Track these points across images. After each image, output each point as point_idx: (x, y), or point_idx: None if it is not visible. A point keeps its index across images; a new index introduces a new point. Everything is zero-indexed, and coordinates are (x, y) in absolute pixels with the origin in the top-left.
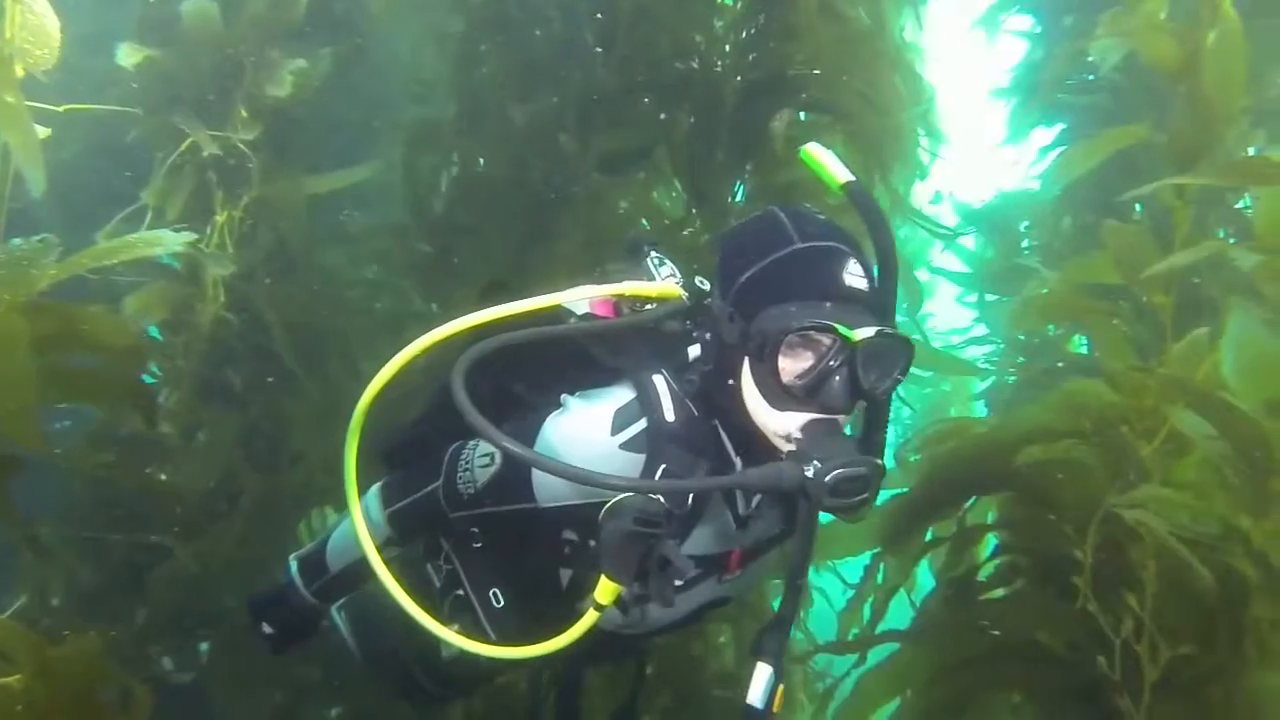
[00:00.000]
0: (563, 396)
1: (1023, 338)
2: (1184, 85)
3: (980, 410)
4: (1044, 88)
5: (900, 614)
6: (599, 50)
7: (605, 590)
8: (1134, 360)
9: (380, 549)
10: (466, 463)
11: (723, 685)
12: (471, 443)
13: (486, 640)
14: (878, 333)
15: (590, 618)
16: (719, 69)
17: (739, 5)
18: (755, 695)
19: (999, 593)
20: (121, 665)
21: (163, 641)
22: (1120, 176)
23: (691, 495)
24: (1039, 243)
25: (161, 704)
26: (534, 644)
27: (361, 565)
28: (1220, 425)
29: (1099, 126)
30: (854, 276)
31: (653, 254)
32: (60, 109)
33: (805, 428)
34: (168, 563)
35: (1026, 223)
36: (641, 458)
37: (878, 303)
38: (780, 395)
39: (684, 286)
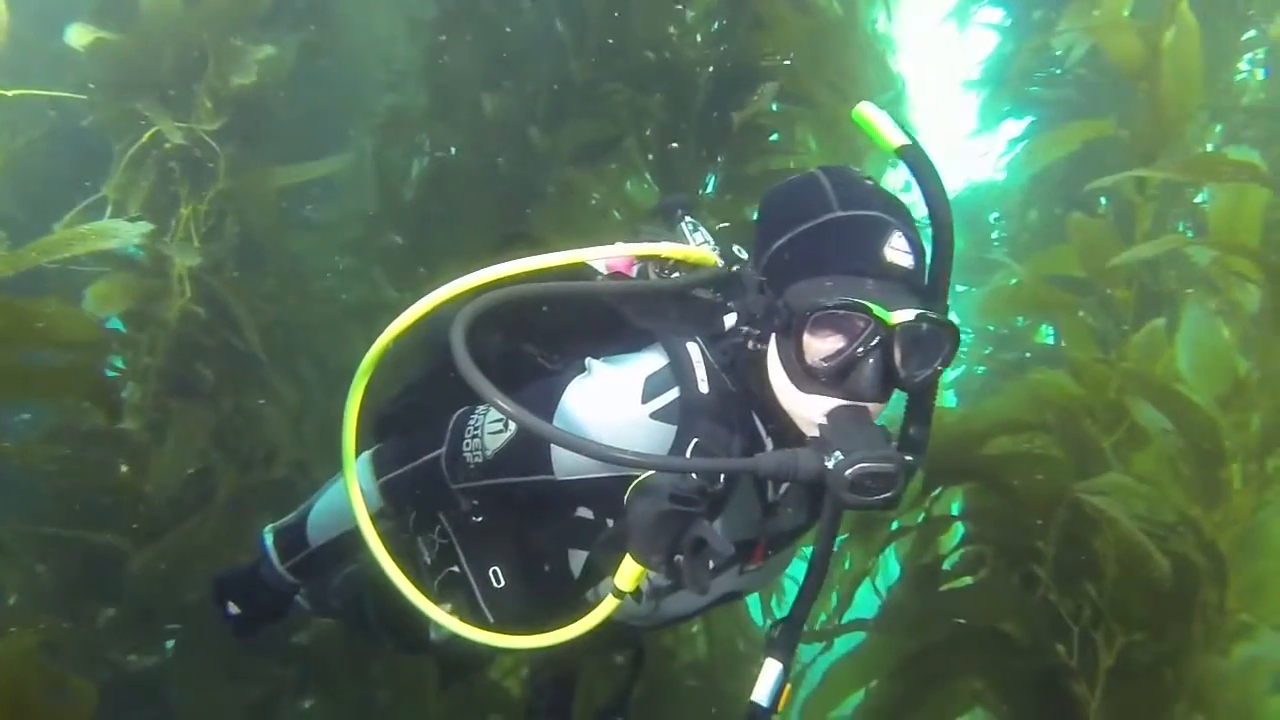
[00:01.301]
0: (587, 360)
1: (991, 328)
2: (1144, 82)
3: (950, 400)
4: (1013, 81)
5: (867, 602)
6: (570, 40)
7: (629, 575)
8: (1098, 352)
9: (378, 515)
10: (475, 429)
11: (695, 676)
12: (481, 408)
13: (483, 623)
14: (918, 316)
15: (609, 605)
16: (691, 60)
17: None
18: (762, 693)
19: (965, 581)
20: (81, 663)
21: (128, 639)
22: (1086, 170)
23: (723, 474)
24: (1007, 234)
25: (125, 702)
26: (541, 632)
27: (346, 540)
28: (1175, 418)
29: (1066, 120)
30: (897, 251)
31: (687, 219)
32: (10, 93)
33: (831, 414)
34: (133, 559)
35: (995, 214)
36: (672, 429)
37: (923, 282)
38: (805, 377)
39: (721, 254)
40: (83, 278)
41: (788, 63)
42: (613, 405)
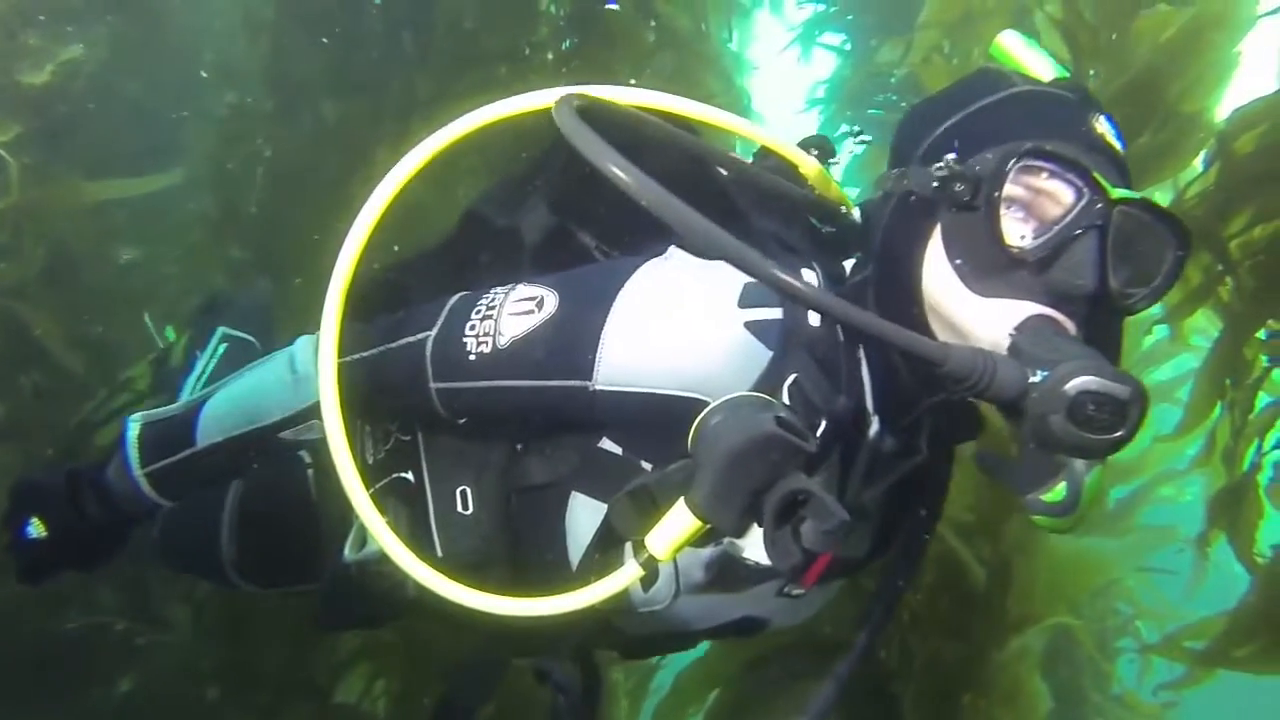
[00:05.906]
0: (670, 248)
1: None
2: None
3: None
4: (848, 103)
5: None
6: (416, 51)
7: (677, 535)
8: None
9: (307, 412)
10: (488, 309)
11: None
12: (501, 289)
13: (426, 548)
14: (1143, 199)
15: (627, 575)
16: (541, 74)
17: (562, 13)
18: None
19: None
20: None
21: None
22: None
23: (822, 431)
24: None
25: None
26: (502, 594)
27: (250, 441)
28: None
29: None
30: (1107, 129)
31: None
32: None
33: (1025, 325)
34: None
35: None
36: (767, 355)
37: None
38: (994, 269)
39: (860, 206)
40: None
41: (633, 82)
42: (700, 299)
